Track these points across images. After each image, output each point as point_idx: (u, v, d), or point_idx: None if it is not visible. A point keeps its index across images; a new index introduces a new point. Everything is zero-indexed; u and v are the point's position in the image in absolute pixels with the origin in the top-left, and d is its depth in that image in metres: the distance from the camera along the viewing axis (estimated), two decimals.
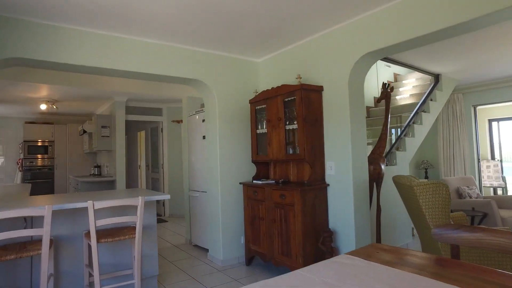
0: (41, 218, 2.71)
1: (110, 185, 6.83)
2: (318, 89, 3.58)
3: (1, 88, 5.49)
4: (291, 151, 3.70)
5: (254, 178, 4.10)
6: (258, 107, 4.07)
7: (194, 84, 4.22)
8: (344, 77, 3.38)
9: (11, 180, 9.02)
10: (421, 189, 2.74)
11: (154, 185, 7.85)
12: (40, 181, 8.66)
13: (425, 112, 5.22)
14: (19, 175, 8.85)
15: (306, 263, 3.24)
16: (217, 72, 4.18)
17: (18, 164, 8.95)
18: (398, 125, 5.15)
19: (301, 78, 3.59)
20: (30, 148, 8.55)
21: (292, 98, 3.55)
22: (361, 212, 3.37)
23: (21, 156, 8.68)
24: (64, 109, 7.85)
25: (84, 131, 7.34)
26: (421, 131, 5.07)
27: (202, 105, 4.89)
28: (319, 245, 3.36)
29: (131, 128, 9.45)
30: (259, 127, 4.12)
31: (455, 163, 6.61)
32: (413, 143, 4.90)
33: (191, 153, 5.05)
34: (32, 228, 2.69)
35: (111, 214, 3.10)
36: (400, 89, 6.30)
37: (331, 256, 3.30)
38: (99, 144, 6.78)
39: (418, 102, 5.27)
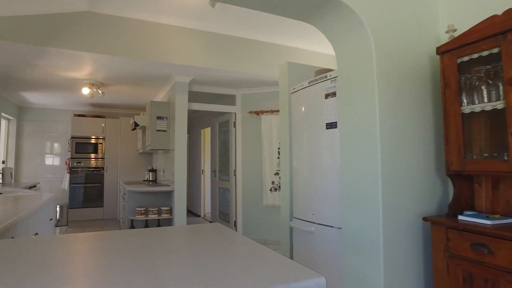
0: None
1: (166, 197, 5.07)
2: None
3: (26, 58, 3.95)
4: None
5: (454, 207, 1.94)
6: (465, 59, 1.91)
7: (326, 11, 2.17)
8: None
9: (60, 183, 7.83)
10: None
11: (223, 196, 5.98)
12: (89, 185, 7.28)
13: None
14: (67, 178, 7.58)
15: None
16: None
17: (66, 164, 7.70)
18: None
19: None
20: (78, 146, 7.19)
21: None
22: None
23: (69, 155, 7.39)
24: (112, 98, 6.33)
25: (136, 125, 5.69)
26: None
27: (319, 72, 2.83)
28: None
29: (192, 125, 7.76)
30: (467, 101, 1.95)
31: None
32: None
33: (294, 155, 3.01)
34: None
35: None
36: None
37: None
38: (153, 141, 5.04)
39: None
